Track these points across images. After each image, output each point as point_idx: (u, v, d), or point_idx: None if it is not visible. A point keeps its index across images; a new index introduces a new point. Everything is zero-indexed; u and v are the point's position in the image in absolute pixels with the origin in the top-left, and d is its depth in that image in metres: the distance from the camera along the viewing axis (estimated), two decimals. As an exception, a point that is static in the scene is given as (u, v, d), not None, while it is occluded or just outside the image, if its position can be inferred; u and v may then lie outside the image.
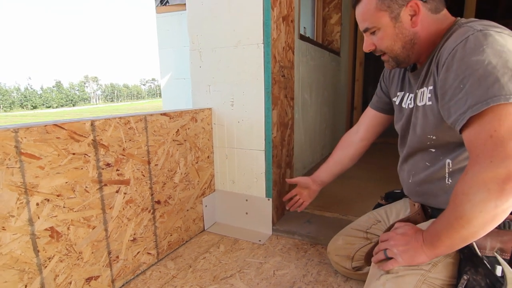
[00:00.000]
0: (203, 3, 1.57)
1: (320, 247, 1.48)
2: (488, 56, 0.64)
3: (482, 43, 0.66)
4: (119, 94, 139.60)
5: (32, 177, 0.91)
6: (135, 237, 1.28)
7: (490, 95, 0.62)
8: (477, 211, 0.62)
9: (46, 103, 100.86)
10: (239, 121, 1.60)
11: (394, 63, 0.89)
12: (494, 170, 0.60)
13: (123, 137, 1.18)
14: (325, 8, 3.40)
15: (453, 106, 0.70)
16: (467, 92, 0.66)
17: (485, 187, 0.61)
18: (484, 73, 0.63)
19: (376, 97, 1.19)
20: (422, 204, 0.96)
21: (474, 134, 0.66)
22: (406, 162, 1.01)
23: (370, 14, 0.82)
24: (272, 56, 1.47)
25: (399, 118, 1.02)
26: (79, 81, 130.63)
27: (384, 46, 0.86)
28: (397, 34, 0.82)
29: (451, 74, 0.69)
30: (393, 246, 0.81)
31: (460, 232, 0.67)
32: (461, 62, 0.67)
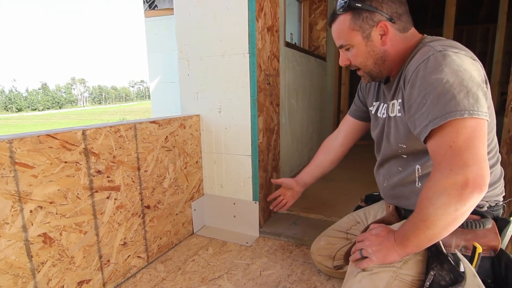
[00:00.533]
0: (190, 13, 1.62)
1: (305, 248, 1.54)
2: (446, 75, 0.71)
3: (441, 63, 0.73)
4: (107, 96, 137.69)
5: (26, 185, 0.94)
6: (126, 241, 1.32)
7: (447, 110, 0.70)
8: (440, 214, 0.70)
9: (31, 106, 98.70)
10: (226, 127, 1.66)
11: (369, 78, 0.97)
12: (453, 177, 0.67)
13: (114, 145, 1.22)
14: (311, 14, 3.49)
15: (417, 119, 0.77)
16: (428, 107, 0.73)
17: (446, 192, 0.68)
18: (443, 91, 0.71)
19: (354, 106, 1.27)
20: (396, 206, 1.03)
21: (436, 144, 0.73)
22: (381, 167, 1.08)
23: (344, 32, 0.90)
24: (258, 65, 1.54)
25: (375, 126, 1.09)
26: (66, 83, 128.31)
27: (358, 62, 0.93)
28: (368, 52, 0.89)
29: (415, 90, 0.77)
30: (368, 246, 0.88)
31: (426, 233, 0.74)
32: (423, 80, 0.75)
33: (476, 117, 0.68)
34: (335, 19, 0.92)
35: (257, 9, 1.50)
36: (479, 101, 0.69)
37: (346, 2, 0.86)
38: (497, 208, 0.87)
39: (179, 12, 1.65)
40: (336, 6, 0.90)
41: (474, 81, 0.71)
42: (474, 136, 0.68)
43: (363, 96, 1.20)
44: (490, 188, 0.85)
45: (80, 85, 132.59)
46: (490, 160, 0.84)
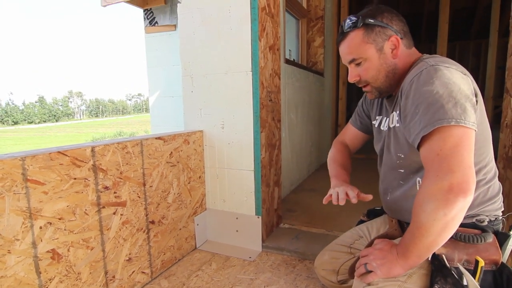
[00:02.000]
0: (194, 32, 1.67)
1: (308, 262, 1.55)
2: (437, 87, 0.77)
3: (432, 76, 0.79)
4: (104, 109, 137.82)
5: (36, 202, 0.96)
6: (130, 257, 1.32)
7: (436, 118, 0.74)
8: (431, 219, 0.73)
9: (28, 119, 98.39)
10: (229, 142, 1.69)
11: (376, 93, 0.99)
12: (439, 182, 0.71)
13: (121, 161, 1.25)
14: (308, 31, 3.59)
15: (411, 127, 0.82)
16: (420, 116, 0.78)
17: (434, 198, 0.72)
18: (433, 101, 0.76)
19: (357, 117, 1.30)
20: (399, 220, 1.06)
21: (426, 152, 0.78)
22: (383, 181, 1.11)
23: (356, 46, 0.92)
24: (260, 82, 1.58)
25: (378, 139, 1.12)
26: (63, 96, 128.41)
27: (370, 76, 0.95)
28: (381, 64, 0.93)
29: (409, 101, 0.83)
30: (372, 260, 0.90)
31: (422, 241, 0.76)
32: (416, 91, 0.81)
33: (462, 126, 0.73)
34: (346, 36, 0.94)
35: (259, 29, 1.55)
36: (466, 111, 0.74)
37: (358, 18, 0.91)
38: (497, 223, 0.89)
39: (183, 31, 1.71)
40: (344, 25, 0.94)
41: (463, 93, 0.76)
42: (460, 144, 0.72)
43: (367, 109, 1.23)
44: (490, 202, 0.88)
45: (77, 98, 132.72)
46: (488, 174, 0.88)
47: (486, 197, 0.88)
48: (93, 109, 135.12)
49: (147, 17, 3.86)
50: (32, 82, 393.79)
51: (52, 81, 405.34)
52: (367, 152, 4.11)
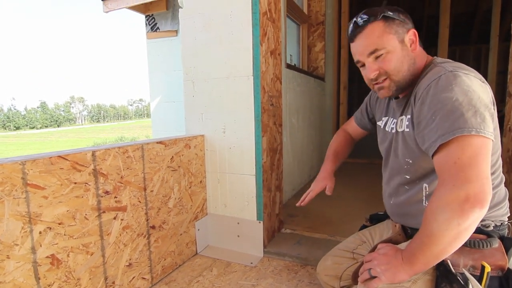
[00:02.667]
0: (196, 38, 1.68)
1: (310, 268, 1.54)
2: (456, 94, 0.75)
3: (452, 82, 0.77)
4: (106, 114, 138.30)
5: (36, 206, 0.95)
6: (131, 262, 1.31)
7: (455, 127, 0.73)
8: (443, 229, 0.71)
9: (29, 124, 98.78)
10: (230, 147, 1.68)
11: (394, 88, 0.93)
12: (455, 192, 0.70)
13: (121, 165, 1.24)
14: (309, 36, 3.60)
15: (426, 134, 0.80)
16: (437, 124, 0.77)
17: (449, 207, 0.70)
18: (452, 108, 0.74)
19: (360, 114, 1.31)
20: (403, 225, 1.04)
21: (442, 160, 0.76)
22: (388, 184, 1.10)
23: (377, 37, 0.88)
24: (261, 87, 1.58)
25: (383, 140, 1.11)
26: (65, 102, 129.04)
27: (393, 67, 0.88)
28: (404, 56, 0.89)
29: (425, 107, 0.81)
30: (376, 265, 0.88)
31: (432, 249, 0.75)
32: (434, 97, 0.79)
33: (482, 136, 0.71)
34: (364, 28, 0.89)
35: (261, 34, 1.56)
36: (485, 121, 0.73)
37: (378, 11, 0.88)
38: (503, 228, 0.88)
39: (185, 36, 1.71)
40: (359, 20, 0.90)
41: (482, 102, 0.75)
42: (479, 154, 0.71)
43: (372, 109, 1.23)
44: (496, 208, 0.87)
45: (79, 104, 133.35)
46: (495, 180, 0.87)
47: (493, 202, 0.87)
48: (95, 114, 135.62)
49: (149, 23, 3.89)
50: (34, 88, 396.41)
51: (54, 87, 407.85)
52: (370, 157, 4.10)
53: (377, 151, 1.21)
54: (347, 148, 1.37)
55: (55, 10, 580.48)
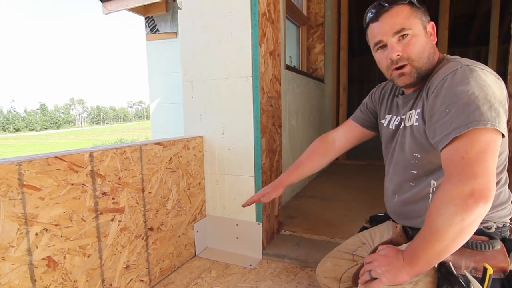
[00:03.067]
0: (195, 39, 1.67)
1: (309, 270, 1.52)
2: (472, 87, 0.75)
3: (468, 76, 0.77)
4: (105, 116, 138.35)
5: (32, 207, 0.94)
6: (128, 265, 1.30)
7: (471, 119, 0.72)
8: (447, 224, 0.70)
9: (29, 126, 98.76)
10: (229, 148, 1.67)
11: (415, 75, 0.90)
12: (460, 187, 0.69)
13: (119, 166, 1.23)
14: (309, 38, 3.60)
15: (439, 127, 0.79)
16: (452, 116, 0.76)
17: (453, 202, 0.69)
18: (468, 101, 0.74)
19: (360, 113, 1.26)
20: (403, 226, 1.03)
21: (450, 154, 0.75)
22: (391, 181, 1.08)
23: (405, 18, 0.87)
24: (260, 88, 1.57)
25: (386, 137, 1.09)
26: (65, 104, 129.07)
27: (416, 52, 0.86)
28: (426, 43, 0.88)
29: (439, 100, 0.80)
30: (377, 267, 0.87)
31: (435, 246, 0.74)
32: (449, 90, 0.78)
33: (496, 129, 0.71)
34: (391, 8, 0.87)
35: (260, 35, 1.55)
36: (500, 116, 0.73)
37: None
38: (505, 229, 0.87)
39: (184, 37, 1.71)
40: (384, 1, 0.88)
41: (497, 98, 0.74)
42: (487, 150, 0.70)
43: (374, 106, 1.20)
44: (499, 208, 0.86)
45: (78, 106, 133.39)
46: (501, 180, 0.86)
47: (497, 202, 0.86)
48: (94, 116, 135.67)
49: (149, 25, 3.89)
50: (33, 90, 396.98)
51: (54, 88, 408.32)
52: (369, 158, 4.09)
53: (377, 152, 1.20)
54: (318, 160, 1.26)
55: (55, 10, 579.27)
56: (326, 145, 1.28)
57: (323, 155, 1.28)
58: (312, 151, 1.29)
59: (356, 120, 1.27)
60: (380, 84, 1.22)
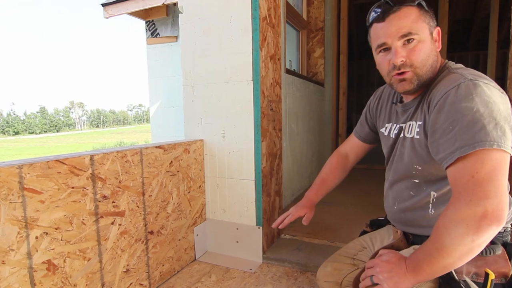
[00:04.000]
0: (196, 42, 1.68)
1: (310, 274, 1.52)
2: (477, 104, 0.72)
3: (472, 92, 0.74)
4: (105, 119, 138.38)
5: (33, 211, 0.94)
6: (128, 268, 1.29)
7: (476, 139, 0.70)
8: (456, 243, 0.69)
9: (29, 129, 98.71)
10: (230, 152, 1.67)
11: (416, 82, 0.86)
12: (472, 208, 0.67)
13: (120, 170, 1.23)
14: (309, 42, 3.62)
15: (442, 144, 0.77)
16: (455, 134, 0.73)
17: (464, 223, 0.68)
18: (473, 119, 0.71)
19: (360, 127, 1.27)
20: (404, 231, 1.03)
21: (458, 173, 0.73)
22: (391, 188, 1.08)
23: (413, 21, 0.81)
24: (261, 91, 1.58)
25: (387, 145, 1.09)
26: (65, 107, 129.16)
27: (420, 59, 0.83)
28: (431, 50, 0.85)
29: (442, 116, 0.77)
30: (378, 272, 0.86)
31: (440, 262, 0.73)
32: (452, 106, 0.75)
33: (503, 150, 0.69)
34: (399, 9, 0.82)
35: (260, 39, 1.56)
36: (505, 134, 0.70)
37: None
38: (506, 234, 0.87)
39: (185, 41, 1.72)
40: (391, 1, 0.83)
41: (502, 115, 0.72)
42: (498, 169, 0.68)
43: (371, 118, 1.20)
44: None
45: (78, 109, 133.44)
46: None
47: None
48: (94, 119, 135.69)
49: (149, 29, 3.91)
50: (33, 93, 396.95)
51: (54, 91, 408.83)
52: (369, 162, 4.09)
53: (376, 156, 1.20)
54: (339, 174, 1.30)
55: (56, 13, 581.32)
56: (344, 161, 1.31)
57: (342, 170, 1.30)
58: (333, 167, 1.31)
59: (357, 136, 1.28)
60: (376, 91, 1.20)
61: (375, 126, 1.20)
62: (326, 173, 1.30)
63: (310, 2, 3.58)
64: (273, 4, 1.71)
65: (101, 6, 3.67)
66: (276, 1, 1.74)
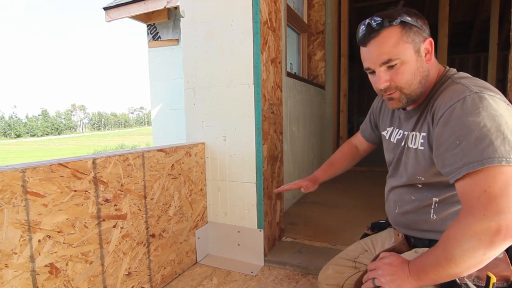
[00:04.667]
0: (197, 46, 1.69)
1: (311, 277, 1.52)
2: (484, 118, 0.72)
3: (478, 105, 0.73)
4: (107, 122, 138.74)
5: (35, 214, 0.95)
6: (130, 271, 1.29)
7: (485, 156, 0.69)
8: (466, 256, 0.69)
9: (30, 132, 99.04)
10: (231, 155, 1.68)
11: (404, 101, 0.87)
12: (486, 223, 0.67)
13: (122, 173, 1.24)
14: (309, 45, 3.63)
15: (447, 158, 0.76)
16: (462, 149, 0.73)
17: (477, 237, 0.68)
18: (480, 135, 0.71)
19: (364, 125, 1.29)
20: (406, 234, 1.03)
21: (469, 187, 0.72)
22: (392, 192, 1.08)
23: (393, 45, 0.81)
24: (262, 95, 1.59)
25: (389, 150, 1.09)
26: (66, 110, 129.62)
27: (404, 80, 0.83)
28: (417, 68, 0.84)
29: (448, 129, 0.76)
30: (381, 275, 0.86)
31: (447, 271, 0.73)
32: (459, 120, 0.74)
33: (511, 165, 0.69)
34: (379, 33, 0.82)
35: (261, 43, 1.57)
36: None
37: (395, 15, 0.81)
38: (507, 237, 0.87)
39: (186, 44, 1.73)
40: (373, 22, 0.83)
41: (509, 128, 0.72)
42: (510, 183, 0.68)
43: (375, 119, 1.21)
44: None
45: (80, 112, 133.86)
46: None
47: None
48: (96, 122, 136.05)
49: (151, 32, 3.94)
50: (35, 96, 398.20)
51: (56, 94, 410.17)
52: (369, 164, 4.09)
53: (377, 158, 1.21)
54: (348, 160, 1.33)
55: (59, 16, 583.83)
56: (354, 150, 1.35)
57: (352, 158, 1.34)
58: (344, 153, 1.35)
59: (363, 135, 1.31)
60: None
61: (378, 127, 1.21)
62: (337, 157, 1.35)
63: (310, 5, 3.60)
64: (274, 8, 1.72)
65: (103, 10, 3.69)
66: (277, 5, 1.75)
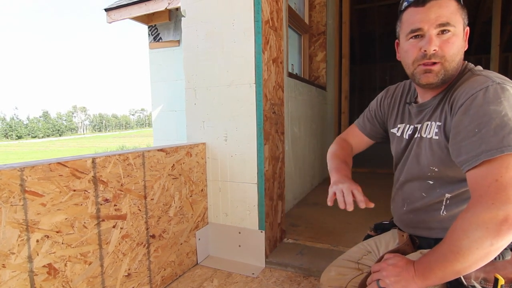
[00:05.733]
0: (198, 46, 1.68)
1: (313, 279, 1.50)
2: (505, 108, 0.72)
3: (500, 95, 0.73)
4: (107, 124, 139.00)
5: (34, 214, 0.93)
6: (130, 273, 1.28)
7: (505, 144, 0.69)
8: (474, 247, 0.68)
9: (32, 133, 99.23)
10: (232, 155, 1.66)
11: (441, 76, 0.84)
12: (494, 211, 0.66)
13: (122, 173, 1.22)
14: (311, 46, 3.62)
15: (464, 146, 0.75)
16: (481, 137, 0.72)
17: (484, 226, 0.67)
18: (501, 123, 0.70)
19: (366, 121, 1.23)
20: (410, 235, 1.01)
21: (481, 175, 0.72)
22: (401, 189, 1.05)
23: (452, 12, 0.81)
24: (264, 95, 1.57)
25: (399, 146, 1.06)
26: (67, 111, 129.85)
27: (451, 53, 0.82)
28: (461, 46, 0.84)
29: (468, 117, 0.76)
30: (385, 277, 0.85)
31: (454, 266, 0.71)
32: (480, 108, 0.74)
33: None
34: None
35: (263, 42, 1.56)
36: None
37: None
38: (514, 240, 0.85)
39: (187, 44, 1.72)
40: None
41: None
42: None
43: (382, 115, 1.17)
44: None
45: (81, 113, 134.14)
46: None
47: None
48: (97, 124, 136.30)
49: (152, 33, 3.93)
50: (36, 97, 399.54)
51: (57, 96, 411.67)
52: (371, 166, 4.07)
53: (378, 160, 1.18)
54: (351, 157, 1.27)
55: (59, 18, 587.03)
56: (349, 146, 1.27)
57: (351, 154, 1.26)
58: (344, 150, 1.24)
59: (361, 129, 1.24)
60: (388, 89, 1.17)
61: (385, 124, 1.17)
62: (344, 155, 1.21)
63: (312, 6, 3.59)
64: (276, 7, 1.71)
65: (104, 11, 3.69)
66: (278, 5, 1.74)
